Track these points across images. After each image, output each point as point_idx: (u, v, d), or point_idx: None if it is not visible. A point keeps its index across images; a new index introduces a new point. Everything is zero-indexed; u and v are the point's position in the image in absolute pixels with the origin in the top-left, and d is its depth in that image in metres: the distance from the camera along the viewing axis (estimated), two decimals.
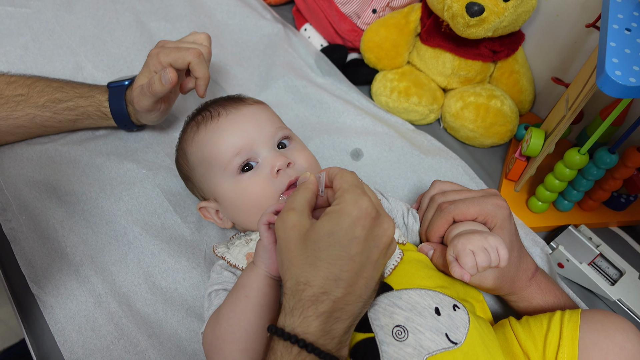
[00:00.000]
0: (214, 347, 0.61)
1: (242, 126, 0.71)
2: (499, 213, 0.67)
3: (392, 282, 0.62)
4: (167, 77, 0.75)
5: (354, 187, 0.54)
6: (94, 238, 0.79)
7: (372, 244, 0.52)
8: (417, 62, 1.05)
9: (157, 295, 0.75)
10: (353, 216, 0.51)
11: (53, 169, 0.86)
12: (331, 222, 0.51)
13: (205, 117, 0.73)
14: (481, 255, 0.59)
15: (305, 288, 0.50)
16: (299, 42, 1.14)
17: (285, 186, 0.67)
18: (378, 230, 0.52)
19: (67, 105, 0.84)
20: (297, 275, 0.51)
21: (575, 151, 0.79)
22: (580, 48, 0.93)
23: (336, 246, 0.50)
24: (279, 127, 0.74)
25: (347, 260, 0.50)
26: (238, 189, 0.69)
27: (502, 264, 0.59)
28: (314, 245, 0.50)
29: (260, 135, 0.71)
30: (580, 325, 0.61)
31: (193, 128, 0.75)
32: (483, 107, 0.96)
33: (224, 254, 0.70)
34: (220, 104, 0.75)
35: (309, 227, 0.52)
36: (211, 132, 0.72)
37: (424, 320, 0.58)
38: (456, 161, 0.94)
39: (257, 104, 0.77)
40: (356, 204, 0.51)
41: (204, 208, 0.76)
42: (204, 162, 0.72)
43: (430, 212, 0.72)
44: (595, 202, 0.90)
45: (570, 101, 0.79)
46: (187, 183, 0.79)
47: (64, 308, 0.72)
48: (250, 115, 0.73)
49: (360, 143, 0.96)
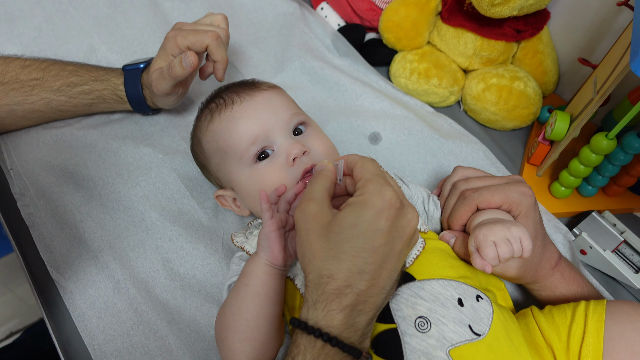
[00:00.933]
0: (220, 336, 0.62)
1: (256, 114, 0.69)
2: (524, 201, 0.65)
3: (414, 272, 0.61)
4: (189, 61, 0.74)
5: (376, 177, 0.53)
6: (111, 224, 0.79)
7: (395, 235, 0.51)
8: (438, 43, 1.02)
9: (175, 281, 0.75)
10: (377, 207, 0.50)
11: (69, 154, 0.85)
12: (354, 213, 0.50)
13: (219, 105, 0.72)
14: (503, 247, 0.57)
15: (329, 281, 0.49)
16: (316, 21, 1.11)
17: (301, 174, 0.66)
18: (402, 221, 0.51)
19: (83, 89, 0.83)
20: (320, 268, 0.50)
21: (603, 136, 0.76)
22: (609, 27, 0.90)
23: (360, 238, 0.49)
24: (294, 113, 0.72)
25: (371, 253, 0.49)
26: (254, 178, 0.68)
27: (525, 255, 0.58)
28: (337, 238, 0.50)
29: (276, 122, 0.69)
30: (605, 317, 0.60)
31: (207, 116, 0.73)
32: (506, 89, 0.93)
33: (243, 244, 0.69)
34: (234, 90, 0.73)
35: (331, 218, 0.52)
36: (225, 121, 0.70)
37: (447, 311, 0.57)
38: (477, 145, 0.92)
39: (272, 89, 0.75)
40: (380, 195, 0.50)
41: (221, 196, 0.75)
42: (219, 152, 0.71)
43: (453, 199, 0.70)
44: (621, 187, 0.87)
45: (599, 84, 0.76)
46: (204, 171, 0.79)
47: (83, 294, 0.73)
48: (265, 101, 0.71)
49: (379, 126, 0.94)
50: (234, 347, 0.59)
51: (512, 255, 0.57)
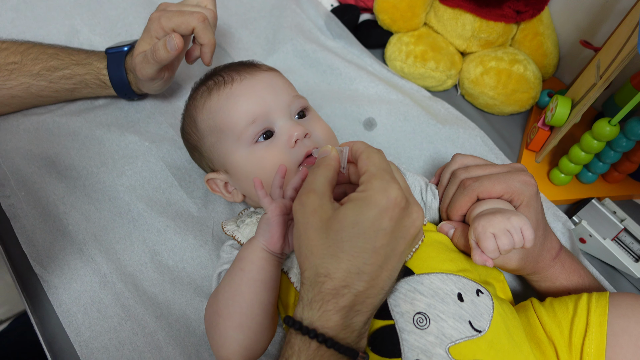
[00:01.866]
0: (211, 322, 0.59)
1: (258, 93, 0.67)
2: (526, 190, 0.63)
3: (413, 266, 0.59)
4: (173, 44, 0.70)
5: (382, 172, 0.50)
6: (97, 215, 0.76)
7: (399, 236, 0.49)
8: (435, 24, 0.98)
9: (164, 274, 0.72)
10: (381, 206, 0.47)
11: (51, 142, 0.82)
12: (356, 210, 0.48)
13: (217, 83, 0.69)
14: (503, 238, 0.55)
15: (326, 280, 0.47)
16: (308, 2, 1.07)
17: (303, 156, 0.63)
18: (406, 221, 0.49)
19: (64, 74, 0.79)
20: (317, 265, 0.48)
21: (605, 122, 0.74)
22: (612, 8, 0.87)
23: (361, 238, 0.47)
24: (295, 96, 0.69)
25: (372, 253, 0.47)
26: (253, 159, 0.65)
27: (527, 245, 0.56)
28: (337, 235, 0.47)
29: (277, 103, 0.66)
30: (608, 310, 0.58)
31: (204, 94, 0.70)
32: (505, 73, 0.90)
33: (234, 232, 0.66)
34: (234, 69, 0.70)
35: (331, 213, 0.49)
36: (224, 98, 0.67)
37: (447, 307, 0.55)
38: (474, 131, 0.90)
39: (272, 70, 0.73)
40: (385, 193, 0.48)
41: (212, 180, 0.72)
42: (215, 130, 0.68)
43: (452, 189, 0.68)
44: (621, 174, 0.85)
45: (602, 67, 0.74)
46: (194, 153, 0.75)
47: (68, 288, 0.70)
48: (267, 81, 0.69)
49: (374, 112, 0.91)
50: (226, 334, 0.56)
51: (513, 246, 0.55)
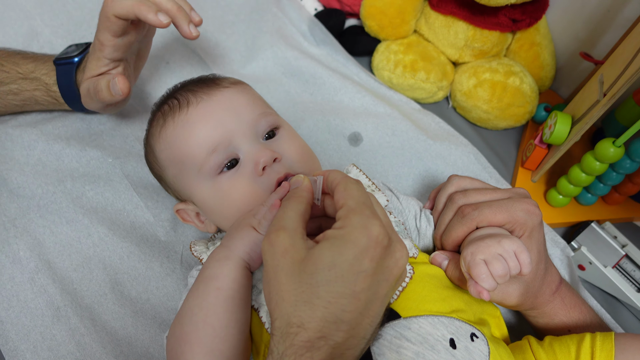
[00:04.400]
0: (174, 353, 0.51)
1: (216, 116, 0.59)
2: (529, 221, 0.57)
3: (400, 308, 0.52)
4: (117, 89, 0.64)
5: (362, 206, 0.44)
6: (52, 239, 0.69)
7: (381, 278, 0.43)
8: (425, 32, 0.93)
9: (125, 307, 0.66)
10: (360, 245, 0.42)
11: (3, 156, 0.75)
12: (333, 250, 0.42)
13: (172, 107, 0.61)
14: (495, 264, 0.50)
15: (299, 331, 0.41)
16: (290, 5, 1.02)
17: (274, 185, 0.56)
18: (389, 261, 0.43)
19: (10, 89, 0.71)
20: (289, 314, 0.42)
21: (609, 142, 0.68)
22: (614, 19, 0.82)
23: (338, 282, 0.41)
24: (261, 114, 0.61)
25: (351, 299, 0.41)
26: (218, 192, 0.58)
27: (525, 271, 0.51)
28: (311, 279, 0.41)
29: (239, 125, 0.59)
30: (615, 354, 0.54)
31: (159, 121, 0.62)
32: (500, 86, 0.85)
33: (201, 254, 0.59)
34: (190, 89, 0.62)
35: (304, 253, 0.43)
36: (180, 125, 0.59)
37: (437, 355, 0.49)
38: (467, 148, 0.84)
39: (235, 85, 0.64)
40: (364, 230, 0.42)
41: (182, 210, 0.64)
42: (175, 162, 0.61)
43: (449, 215, 0.62)
44: (622, 196, 0.81)
45: (606, 84, 0.68)
46: (161, 182, 0.68)
47: (16, 324, 0.64)
48: (226, 101, 0.61)
49: (360, 126, 0.85)
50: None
51: (508, 272, 0.50)
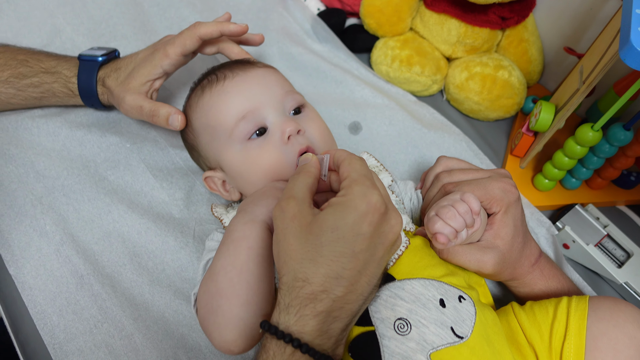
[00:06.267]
0: (210, 307, 0.55)
1: (248, 88, 0.66)
2: (505, 198, 0.63)
3: (395, 273, 0.58)
4: (176, 124, 0.71)
5: (363, 178, 0.50)
6: (75, 216, 0.75)
7: (377, 241, 0.49)
8: (421, 29, 0.99)
9: (143, 276, 0.71)
10: (360, 211, 0.47)
11: (30, 142, 0.81)
12: (336, 215, 0.47)
13: (210, 81, 0.68)
14: (444, 211, 0.56)
15: (304, 285, 0.46)
16: (295, 5, 1.07)
17: (297, 155, 0.62)
18: (385, 227, 0.49)
19: (31, 82, 0.77)
20: (296, 270, 0.47)
21: (588, 127, 0.74)
22: (596, 16, 0.87)
23: (340, 242, 0.47)
24: (289, 91, 0.68)
25: (351, 258, 0.47)
26: (246, 157, 0.64)
27: (474, 207, 0.56)
28: (316, 240, 0.47)
29: (269, 98, 0.65)
30: (588, 314, 0.58)
31: (197, 92, 0.70)
32: (490, 79, 0.90)
33: (222, 215, 0.65)
34: (228, 67, 0.70)
35: (311, 218, 0.49)
36: (216, 95, 0.67)
37: (428, 312, 0.55)
38: (459, 136, 0.90)
39: (267, 67, 0.72)
40: (364, 198, 0.48)
41: (210, 178, 0.70)
42: (208, 129, 0.67)
43: (433, 192, 0.68)
44: (605, 180, 0.86)
45: (585, 73, 0.74)
46: (193, 153, 0.75)
47: (43, 290, 0.69)
48: (259, 77, 0.68)
49: (359, 116, 0.91)
50: (231, 315, 0.53)
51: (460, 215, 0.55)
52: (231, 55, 0.79)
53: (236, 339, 0.53)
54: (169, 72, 0.76)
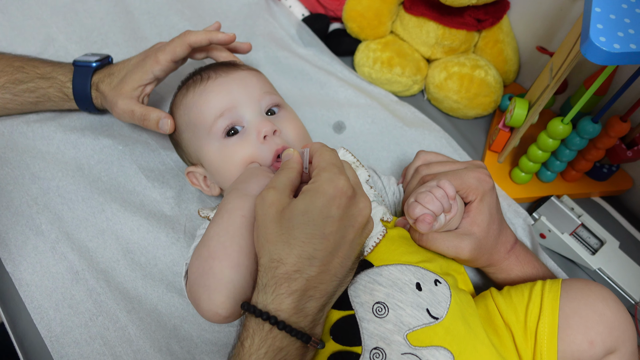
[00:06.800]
0: (201, 270, 0.56)
1: (228, 88, 0.70)
2: (480, 187, 0.66)
3: (373, 260, 0.61)
4: (166, 128, 0.74)
5: (331, 166, 0.53)
6: (70, 215, 0.77)
7: (347, 224, 0.52)
8: (401, 32, 1.02)
9: (136, 271, 0.74)
10: (328, 195, 0.51)
11: (26, 146, 0.83)
12: (306, 200, 0.51)
13: (195, 81, 0.73)
14: (422, 197, 0.59)
15: (279, 265, 0.49)
16: (280, 11, 1.11)
17: (273, 157, 0.66)
18: (354, 210, 0.52)
19: (27, 87, 0.80)
20: (271, 252, 0.50)
21: (559, 121, 0.78)
22: (566, 16, 0.92)
23: (310, 225, 0.50)
24: (267, 92, 0.72)
25: (321, 239, 0.50)
26: (224, 153, 0.68)
27: (449, 192, 0.60)
28: (289, 223, 0.50)
29: (246, 97, 0.69)
30: (560, 295, 0.61)
31: (183, 91, 0.74)
32: (467, 78, 0.94)
33: (208, 213, 0.68)
34: (213, 68, 0.74)
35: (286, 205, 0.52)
36: (198, 94, 0.71)
37: (405, 296, 0.57)
38: (439, 133, 0.93)
39: (251, 70, 0.76)
40: (331, 183, 0.51)
41: (192, 173, 0.74)
42: (190, 125, 0.72)
43: (413, 184, 0.71)
44: (578, 172, 0.89)
45: (555, 70, 0.78)
46: (177, 149, 0.78)
47: (40, 286, 0.71)
48: (239, 79, 0.72)
49: (343, 115, 0.94)
50: (221, 275, 0.55)
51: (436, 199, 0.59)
52: (219, 59, 0.82)
53: (224, 301, 0.54)
54: (159, 78, 0.79)
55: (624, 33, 0.58)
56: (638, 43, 0.57)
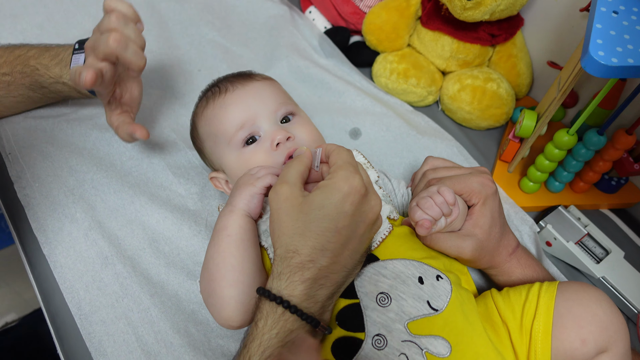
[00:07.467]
0: (208, 291, 0.64)
1: (246, 101, 0.74)
2: (483, 191, 0.69)
3: (379, 254, 0.65)
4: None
5: (347, 165, 0.57)
6: (102, 205, 0.83)
7: (359, 219, 0.56)
8: (417, 45, 1.07)
9: (160, 259, 0.79)
10: (343, 192, 0.54)
11: (65, 141, 0.90)
12: (322, 195, 0.55)
13: (214, 93, 0.77)
14: (423, 202, 0.63)
15: (294, 256, 0.54)
16: (304, 24, 1.17)
17: (284, 158, 0.70)
18: (365, 207, 0.56)
19: (50, 90, 0.85)
20: (287, 243, 0.55)
21: (564, 132, 0.81)
22: (577, 33, 0.95)
23: (325, 219, 0.54)
24: (281, 103, 0.76)
25: (334, 233, 0.54)
26: (241, 160, 0.73)
27: (448, 199, 0.63)
28: (305, 217, 0.54)
29: (263, 110, 0.73)
30: (556, 295, 0.64)
31: (203, 103, 0.78)
32: (479, 90, 0.98)
33: None
34: (229, 80, 0.79)
35: (302, 200, 0.56)
36: (218, 107, 0.75)
37: (407, 288, 0.61)
38: (451, 142, 0.97)
39: (265, 80, 0.80)
40: (347, 181, 0.55)
41: (215, 178, 0.79)
42: (211, 136, 0.76)
43: (420, 187, 0.75)
44: (586, 184, 0.92)
45: (562, 83, 0.82)
46: (201, 155, 0.83)
47: (72, 268, 0.77)
48: (255, 91, 0.76)
49: (359, 122, 0.99)
50: (222, 294, 0.61)
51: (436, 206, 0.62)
52: None
53: (232, 316, 0.61)
54: None
55: (623, 48, 0.62)
56: (636, 58, 0.61)
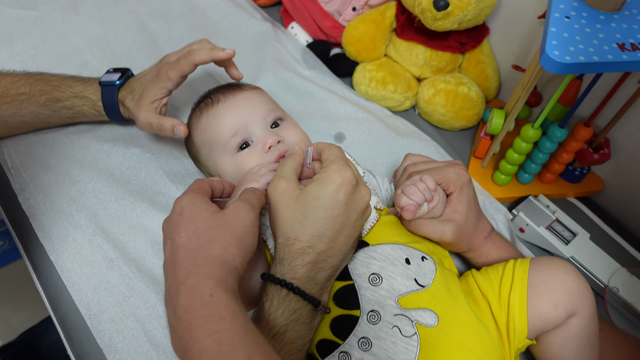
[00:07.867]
0: None
1: (237, 110, 0.80)
2: (458, 180, 0.76)
3: (369, 240, 0.71)
4: (180, 133, 0.83)
5: (339, 159, 0.64)
6: (104, 212, 0.88)
7: (351, 208, 0.62)
8: (393, 54, 1.15)
9: (162, 259, 0.83)
10: (337, 183, 0.61)
11: (65, 154, 0.94)
12: (318, 187, 0.61)
13: (207, 104, 0.83)
14: (407, 189, 0.70)
15: (294, 242, 0.60)
16: (287, 38, 1.24)
17: (276, 159, 0.76)
18: (357, 196, 0.63)
19: (65, 105, 0.91)
20: (287, 232, 0.61)
21: (530, 126, 0.89)
22: (537, 38, 1.04)
23: (322, 208, 0.60)
24: (271, 109, 0.82)
25: (330, 220, 0.60)
26: (236, 165, 0.78)
27: (429, 185, 0.70)
28: (303, 207, 0.61)
29: (254, 117, 0.80)
30: (529, 268, 0.71)
31: (197, 114, 0.84)
32: (452, 93, 1.06)
33: None
34: (220, 91, 0.85)
35: (298, 192, 0.62)
36: (211, 116, 0.81)
37: (396, 268, 0.67)
38: (429, 142, 1.05)
39: (253, 89, 0.86)
40: (340, 173, 0.62)
41: None
42: (207, 144, 0.82)
43: (402, 181, 0.82)
44: (553, 174, 1.00)
45: (525, 82, 0.90)
46: (196, 163, 0.89)
47: (79, 272, 0.80)
48: (246, 99, 0.82)
49: (343, 127, 1.06)
50: None
51: (420, 191, 0.69)
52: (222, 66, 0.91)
53: None
54: (172, 90, 0.87)
55: (575, 48, 0.70)
56: (586, 55, 0.69)
